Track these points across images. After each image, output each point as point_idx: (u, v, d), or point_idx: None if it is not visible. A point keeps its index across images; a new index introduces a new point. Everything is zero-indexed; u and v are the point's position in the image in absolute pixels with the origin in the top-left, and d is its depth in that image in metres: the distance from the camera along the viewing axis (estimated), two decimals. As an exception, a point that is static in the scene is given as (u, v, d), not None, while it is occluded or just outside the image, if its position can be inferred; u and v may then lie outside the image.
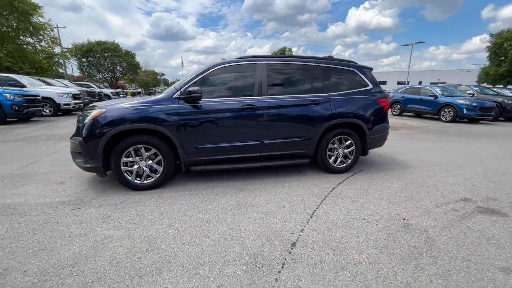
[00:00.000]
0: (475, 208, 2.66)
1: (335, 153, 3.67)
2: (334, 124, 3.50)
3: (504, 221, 2.40)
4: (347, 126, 3.62)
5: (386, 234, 2.17)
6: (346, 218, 2.43)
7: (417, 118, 11.65)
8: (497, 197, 2.94)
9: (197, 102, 3.01)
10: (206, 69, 3.18)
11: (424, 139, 6.57)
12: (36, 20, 19.51)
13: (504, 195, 2.99)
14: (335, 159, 3.69)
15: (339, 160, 3.69)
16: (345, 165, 3.72)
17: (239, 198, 2.86)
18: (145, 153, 2.95)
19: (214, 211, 2.55)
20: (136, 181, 2.99)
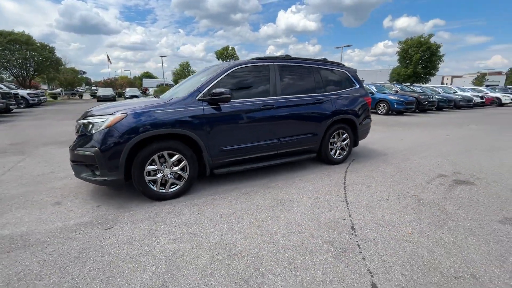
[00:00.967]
0: (452, 181, 3.40)
1: (334, 146, 4.09)
2: (335, 120, 3.90)
3: (476, 188, 3.17)
4: (344, 121, 4.07)
5: (411, 209, 2.63)
6: (374, 200, 2.81)
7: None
8: (460, 171, 3.81)
9: (220, 103, 2.95)
10: (225, 70, 3.13)
11: (375, 130, 7.68)
12: None
13: (462, 169, 3.89)
14: (335, 152, 4.11)
15: (338, 152, 4.13)
16: (342, 156, 4.17)
17: (272, 195, 2.96)
18: (170, 159, 2.76)
19: (261, 209, 2.60)
20: (160, 190, 2.77)
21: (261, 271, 1.72)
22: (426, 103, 13.39)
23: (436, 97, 14.41)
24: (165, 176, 2.77)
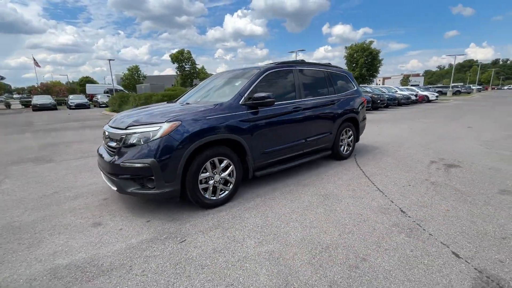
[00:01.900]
0: (444, 166, 4.07)
1: (343, 142, 4.47)
2: (345, 119, 4.28)
3: (464, 170, 3.85)
4: (350, 120, 4.48)
5: (433, 191, 3.10)
6: (401, 187, 3.22)
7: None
8: (443, 157, 4.55)
9: (259, 107, 3.02)
10: (259, 74, 3.20)
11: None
12: None
13: (444, 155, 4.64)
14: (343, 148, 4.49)
15: (345, 148, 4.52)
16: (348, 152, 4.59)
17: (313, 192, 3.13)
18: (220, 165, 2.73)
19: (314, 205, 2.76)
20: (212, 197, 2.71)
21: (361, 257, 1.90)
22: (379, 101, 15.17)
23: (385, 96, 16.44)
24: (215, 182, 2.72)
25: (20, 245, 2.15)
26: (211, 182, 2.68)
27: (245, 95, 2.97)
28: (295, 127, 3.46)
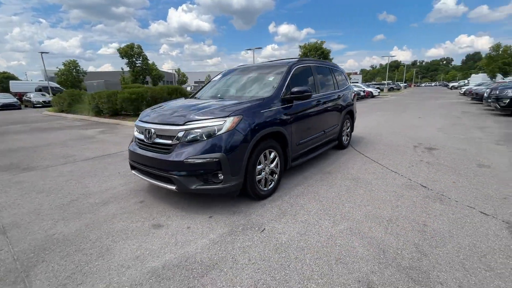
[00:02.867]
0: (425, 148, 4.85)
1: (344, 133, 4.95)
2: (346, 111, 4.75)
3: (442, 151, 4.67)
4: (349, 112, 4.97)
5: (433, 169, 3.72)
6: (407, 167, 3.78)
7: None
8: (421, 142, 5.39)
9: (295, 101, 3.19)
10: (289, 69, 3.36)
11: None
12: None
13: (420, 141, 5.50)
14: (344, 138, 4.97)
15: (345, 138, 5.01)
16: (347, 141, 5.09)
17: (342, 177, 3.46)
18: (270, 156, 2.84)
19: (352, 188, 3.08)
20: (264, 188, 2.81)
21: (422, 223, 2.27)
22: (338, 97, 16.62)
23: (342, 92, 18.06)
24: (266, 174, 2.82)
25: (87, 255, 1.94)
26: (262, 174, 2.77)
27: (283, 89, 3.11)
28: (318, 119, 3.74)
